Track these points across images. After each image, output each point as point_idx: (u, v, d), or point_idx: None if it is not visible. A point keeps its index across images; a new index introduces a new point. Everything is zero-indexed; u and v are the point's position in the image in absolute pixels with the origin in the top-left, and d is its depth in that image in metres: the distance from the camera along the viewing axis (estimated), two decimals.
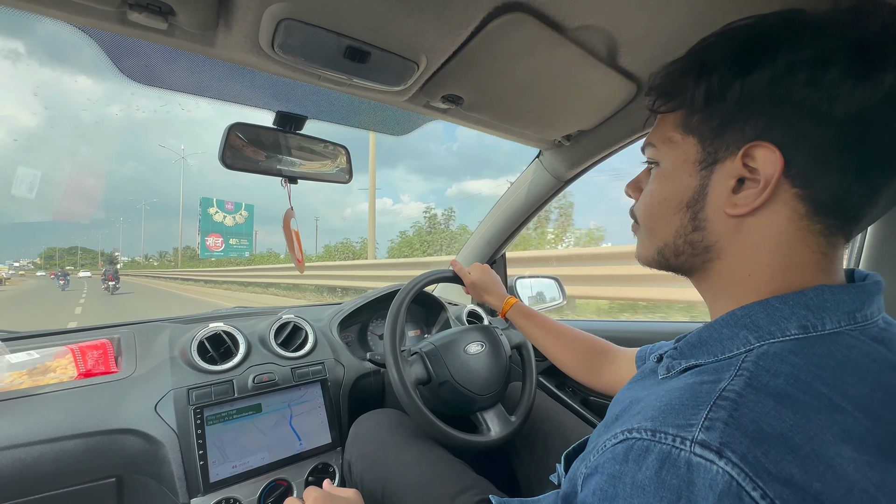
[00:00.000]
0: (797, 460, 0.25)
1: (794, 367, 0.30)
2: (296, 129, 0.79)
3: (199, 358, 0.85)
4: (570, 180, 1.09)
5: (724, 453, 0.26)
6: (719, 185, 0.36)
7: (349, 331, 1.20)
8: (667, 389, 0.33)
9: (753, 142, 0.33)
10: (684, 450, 0.27)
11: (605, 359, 0.74)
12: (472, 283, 0.92)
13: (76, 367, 0.81)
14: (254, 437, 0.84)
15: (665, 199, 0.40)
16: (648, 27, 0.60)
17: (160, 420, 0.77)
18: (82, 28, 0.52)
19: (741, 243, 0.36)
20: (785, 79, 0.32)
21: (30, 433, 0.68)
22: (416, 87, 0.70)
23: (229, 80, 0.71)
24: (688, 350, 0.38)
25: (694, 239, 0.38)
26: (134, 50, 0.59)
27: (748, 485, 0.25)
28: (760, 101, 0.33)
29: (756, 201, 0.34)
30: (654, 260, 0.43)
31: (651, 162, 0.42)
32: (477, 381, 0.84)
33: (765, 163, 0.33)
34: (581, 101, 0.80)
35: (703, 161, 0.37)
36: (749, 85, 0.33)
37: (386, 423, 0.83)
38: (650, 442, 0.29)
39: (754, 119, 0.33)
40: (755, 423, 0.27)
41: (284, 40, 0.54)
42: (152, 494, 0.78)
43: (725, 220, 0.36)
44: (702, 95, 0.35)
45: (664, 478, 0.27)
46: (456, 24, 0.56)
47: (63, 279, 23.04)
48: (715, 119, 0.35)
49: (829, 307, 0.32)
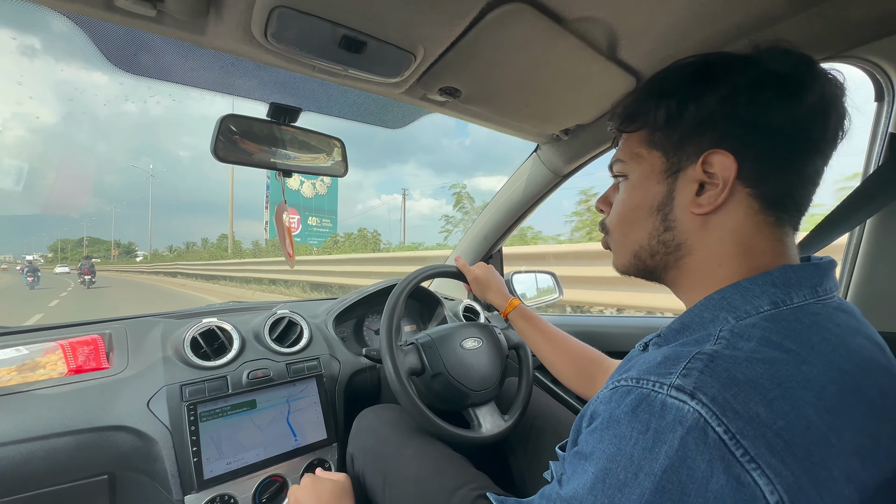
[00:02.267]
0: (764, 402, 0.29)
1: (765, 330, 0.34)
2: (290, 121, 0.78)
3: (193, 354, 0.84)
4: (567, 175, 1.08)
5: (697, 395, 0.29)
6: (684, 190, 0.41)
7: (345, 326, 1.19)
8: (652, 354, 0.37)
9: (711, 150, 0.39)
10: (661, 392, 0.31)
11: (600, 369, 0.75)
12: (476, 278, 0.92)
13: (66, 363, 0.80)
14: (248, 433, 0.83)
15: (637, 205, 0.45)
16: (649, 19, 0.59)
17: (153, 417, 0.76)
18: (68, 14, 0.50)
19: (708, 238, 0.41)
20: (730, 99, 0.38)
21: (19, 430, 0.67)
22: (413, 78, 0.69)
23: (221, 70, 0.70)
24: (671, 335, 0.42)
25: (666, 238, 0.43)
26: (122, 38, 0.57)
27: (714, 421, 0.28)
28: (714, 118, 0.39)
29: (717, 200, 0.39)
30: (630, 264, 0.47)
31: (619, 175, 0.47)
32: (471, 376, 0.83)
33: (722, 167, 0.38)
34: (580, 95, 0.79)
35: (668, 170, 0.42)
36: (702, 105, 0.39)
37: (388, 419, 0.83)
38: (632, 387, 0.33)
39: (709, 132, 0.39)
40: (728, 371, 0.30)
41: (278, 29, 0.53)
42: (145, 491, 0.77)
43: (692, 219, 0.41)
44: (662, 116, 0.42)
45: (639, 414, 0.31)
46: (454, 13, 0.55)
47: (32, 275, 18.16)
48: (675, 135, 0.41)
49: (793, 283, 0.37)
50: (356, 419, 0.86)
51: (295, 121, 0.79)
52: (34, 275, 18.19)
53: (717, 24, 0.60)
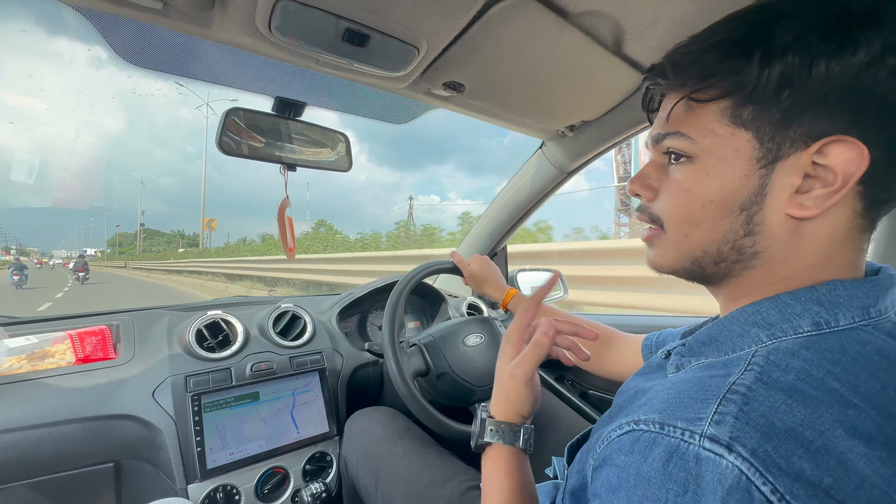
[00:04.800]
0: (808, 455, 0.25)
1: (805, 362, 0.29)
2: (295, 115, 0.78)
3: (198, 345, 0.85)
4: (572, 172, 1.07)
5: (734, 448, 0.25)
6: (781, 185, 0.32)
7: (348, 321, 1.20)
8: (674, 381, 0.32)
9: (832, 136, 0.29)
10: (693, 444, 0.26)
11: (609, 345, 0.72)
12: (472, 273, 0.91)
13: (74, 352, 0.81)
14: (251, 424, 0.84)
15: (711, 200, 0.34)
16: (656, 13, 0.58)
17: (158, 406, 0.77)
18: (76, 7, 0.51)
19: (794, 246, 0.33)
20: (878, 63, 0.28)
21: (28, 417, 0.69)
22: (417, 73, 0.69)
23: (227, 64, 0.70)
24: (697, 347, 0.37)
25: (744, 245, 0.34)
26: (130, 31, 0.58)
27: (758, 479, 0.24)
28: (853, 90, 0.29)
29: (828, 202, 0.30)
30: (682, 269, 0.38)
31: (676, 153, 0.36)
32: (475, 372, 0.83)
33: (844, 161, 0.29)
34: (585, 91, 0.78)
35: (763, 158, 0.32)
36: (836, 67, 0.28)
37: (379, 420, 0.84)
38: (657, 434, 0.28)
39: (833, 109, 0.29)
40: (765, 417, 0.26)
41: (282, 21, 0.53)
42: (150, 480, 0.78)
43: (784, 222, 0.32)
44: (766, 79, 0.30)
45: (671, 471, 0.27)
46: (457, 7, 0.54)
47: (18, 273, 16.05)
48: (777, 111, 0.30)
49: (842, 303, 0.31)
50: (347, 422, 0.87)
51: (300, 115, 0.79)
52: (21, 273, 16.17)
53: None
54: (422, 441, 0.78)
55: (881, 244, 0.68)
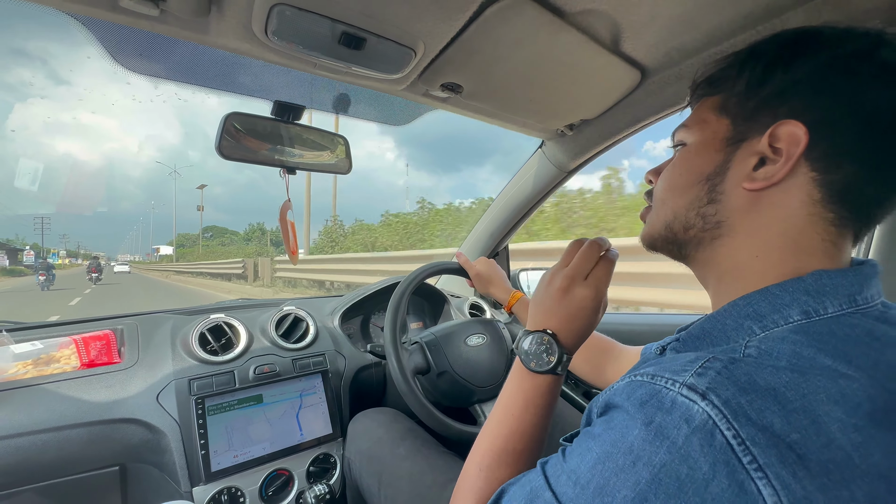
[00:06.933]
0: (782, 412, 0.27)
1: (795, 344, 0.31)
2: (294, 118, 0.78)
3: (201, 349, 0.85)
4: (573, 171, 1.07)
5: (708, 396, 0.28)
6: (742, 161, 0.37)
7: (351, 323, 1.20)
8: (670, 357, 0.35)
9: (782, 120, 0.35)
10: (672, 390, 0.29)
11: (610, 356, 0.73)
12: (478, 274, 0.91)
13: (79, 357, 0.82)
14: (255, 427, 0.84)
15: (686, 170, 0.41)
16: (653, 11, 0.58)
17: (162, 410, 0.77)
18: (73, 15, 0.52)
19: (753, 221, 0.37)
20: (826, 68, 0.34)
21: (34, 422, 0.69)
22: (415, 74, 0.69)
23: (226, 69, 0.70)
24: (691, 341, 0.39)
25: (707, 212, 0.39)
26: (128, 38, 0.58)
27: (723, 424, 0.27)
28: (798, 87, 0.35)
29: (775, 176, 0.35)
30: (659, 236, 0.43)
31: (679, 144, 0.44)
32: (476, 373, 0.83)
33: (789, 139, 0.34)
34: (584, 90, 0.78)
35: (731, 138, 0.38)
36: (791, 72, 0.35)
37: (381, 421, 0.84)
38: (646, 382, 0.31)
39: (789, 103, 0.35)
40: (748, 375, 0.28)
41: (278, 26, 0.53)
42: (155, 483, 0.79)
43: (741, 195, 0.37)
44: (744, 81, 0.38)
45: (646, 407, 0.30)
46: (453, 8, 0.54)
47: (45, 273, 15.93)
48: (751, 101, 0.37)
49: (828, 291, 0.33)
50: (350, 423, 0.87)
51: (299, 118, 0.79)
52: (47, 273, 16.15)
53: (724, 14, 0.58)
54: (424, 442, 0.78)
55: (882, 243, 0.68)
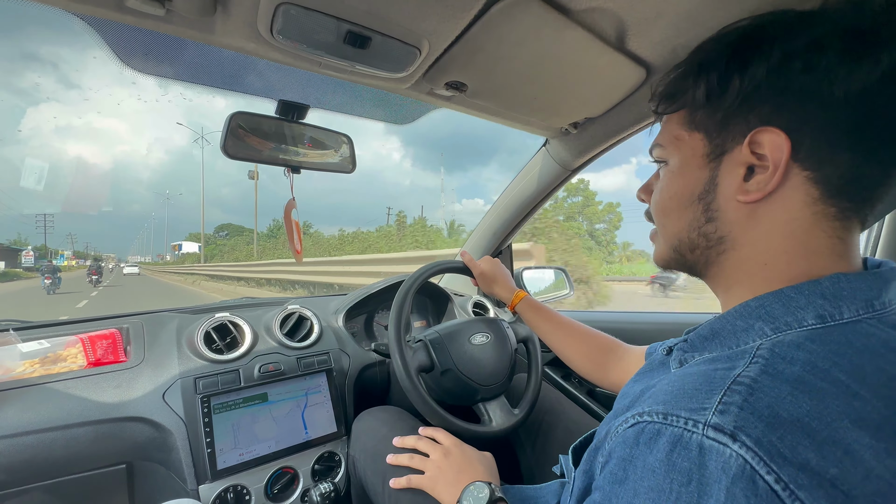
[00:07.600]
0: (813, 445, 0.25)
1: (810, 353, 0.29)
2: (298, 117, 0.78)
3: (206, 347, 0.86)
4: (577, 169, 1.07)
5: (738, 437, 0.25)
6: (730, 175, 0.36)
7: (355, 321, 1.20)
8: (679, 375, 0.33)
9: (759, 128, 0.34)
10: (696, 432, 0.27)
11: (614, 356, 0.73)
12: (482, 273, 0.91)
13: (86, 356, 0.82)
14: (260, 425, 0.84)
15: (676, 193, 0.40)
16: (658, 8, 0.58)
17: (168, 408, 0.78)
18: (79, 15, 0.52)
19: (755, 231, 0.36)
20: (782, 68, 0.33)
21: (41, 420, 0.70)
22: (419, 73, 0.69)
23: (231, 68, 0.71)
24: (699, 342, 0.38)
25: (708, 230, 0.38)
26: (133, 38, 0.59)
27: (762, 468, 0.24)
28: (761, 91, 0.34)
29: (768, 186, 0.34)
30: (670, 259, 0.43)
31: (660, 161, 0.43)
32: (480, 371, 0.83)
33: (772, 147, 0.33)
34: (588, 88, 0.78)
35: (711, 153, 0.38)
36: (748, 77, 0.34)
37: (385, 419, 0.84)
38: (661, 425, 0.29)
39: (757, 108, 0.34)
40: (771, 407, 0.26)
41: (283, 25, 0.53)
42: (162, 481, 0.79)
43: (738, 208, 0.36)
44: (703, 93, 0.37)
45: (675, 460, 0.27)
46: (458, 7, 0.54)
47: (50, 276, 15.74)
48: (718, 113, 0.36)
49: (845, 295, 0.32)
50: (354, 422, 0.87)
51: (303, 117, 0.79)
52: (53, 276, 15.97)
53: (730, 10, 0.58)
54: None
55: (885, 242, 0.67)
